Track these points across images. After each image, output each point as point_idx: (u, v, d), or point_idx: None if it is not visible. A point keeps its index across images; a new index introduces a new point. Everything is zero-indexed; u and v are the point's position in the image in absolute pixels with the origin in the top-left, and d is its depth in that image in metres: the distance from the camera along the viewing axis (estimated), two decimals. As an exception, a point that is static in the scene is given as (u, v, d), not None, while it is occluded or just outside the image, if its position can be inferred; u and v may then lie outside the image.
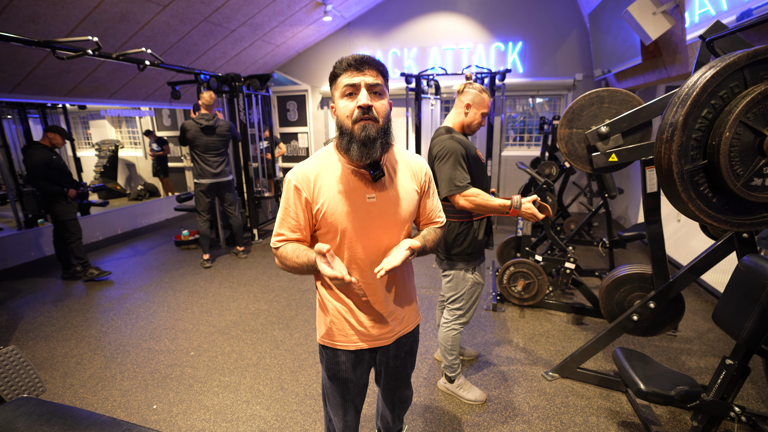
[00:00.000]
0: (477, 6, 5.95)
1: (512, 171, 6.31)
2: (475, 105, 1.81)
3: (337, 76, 1.01)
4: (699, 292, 3.31)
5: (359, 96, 0.98)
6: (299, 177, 1.06)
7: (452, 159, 1.69)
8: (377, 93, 1.01)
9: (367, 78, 0.98)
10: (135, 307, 3.23)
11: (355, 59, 0.98)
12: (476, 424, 1.91)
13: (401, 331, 1.24)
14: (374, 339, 1.18)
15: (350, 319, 1.15)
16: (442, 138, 1.78)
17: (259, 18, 4.76)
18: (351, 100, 1.00)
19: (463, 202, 1.68)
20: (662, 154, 1.12)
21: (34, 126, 5.74)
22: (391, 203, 1.10)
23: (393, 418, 1.43)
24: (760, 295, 1.28)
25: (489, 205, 1.65)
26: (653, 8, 3.16)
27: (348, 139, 1.01)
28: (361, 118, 0.98)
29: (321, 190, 1.06)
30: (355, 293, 1.13)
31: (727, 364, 1.44)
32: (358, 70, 0.98)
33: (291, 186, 1.07)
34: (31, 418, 1.17)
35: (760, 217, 1.18)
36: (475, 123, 1.84)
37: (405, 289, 1.22)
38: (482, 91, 1.81)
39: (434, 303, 3.20)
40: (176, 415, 2.00)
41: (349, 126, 1.00)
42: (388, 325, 1.18)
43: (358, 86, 0.98)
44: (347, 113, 1.00)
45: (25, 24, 3.15)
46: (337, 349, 1.19)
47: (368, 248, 1.09)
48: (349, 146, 1.01)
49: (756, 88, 1.05)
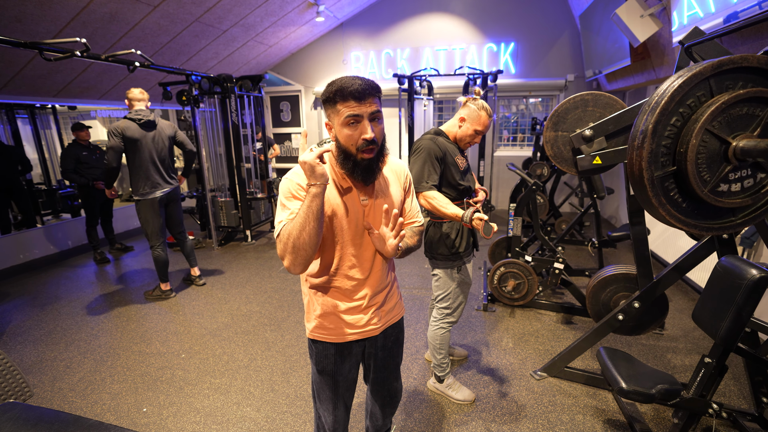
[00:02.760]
0: (470, 7, 5.98)
1: (504, 171, 6.35)
2: (469, 120, 1.84)
3: (335, 102, 1.03)
4: (686, 290, 3.36)
5: (364, 128, 1.03)
6: (300, 177, 1.09)
7: (423, 157, 1.76)
8: (376, 119, 1.06)
9: (369, 108, 1.02)
10: (125, 310, 3.22)
11: (357, 90, 0.99)
12: (464, 423, 1.93)
13: (388, 322, 1.30)
14: (362, 330, 1.23)
15: (339, 312, 1.20)
16: (425, 137, 1.85)
17: (251, 18, 4.75)
18: (354, 129, 1.03)
19: (423, 201, 1.75)
20: (634, 160, 1.15)
21: (22, 126, 5.68)
22: (380, 204, 1.16)
23: (383, 415, 1.45)
24: (736, 296, 1.32)
25: (443, 211, 1.72)
26: (641, 11, 3.21)
27: (353, 164, 1.07)
28: (366, 149, 1.05)
29: None
30: (343, 288, 1.18)
31: (706, 363, 1.48)
32: (360, 101, 1.01)
33: (293, 184, 1.08)
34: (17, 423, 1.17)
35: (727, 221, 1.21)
36: (467, 138, 1.86)
37: (390, 281, 1.30)
38: (481, 109, 1.83)
39: (425, 304, 3.23)
40: (166, 418, 2.00)
41: (354, 152, 1.06)
42: (376, 316, 1.24)
43: (361, 117, 1.02)
44: (352, 142, 1.05)
45: (11, 24, 3.12)
46: (327, 342, 1.23)
47: (360, 247, 1.16)
48: (354, 171, 1.08)
49: (720, 98, 1.09)
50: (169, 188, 3.24)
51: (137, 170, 3.09)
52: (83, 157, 4.11)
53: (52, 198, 5.61)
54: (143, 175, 3.09)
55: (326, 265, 1.17)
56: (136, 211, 3.19)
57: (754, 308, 1.32)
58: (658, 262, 3.82)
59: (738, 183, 1.19)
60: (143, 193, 3.12)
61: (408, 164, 1.77)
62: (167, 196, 3.25)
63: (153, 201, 3.15)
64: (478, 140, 1.90)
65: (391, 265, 1.32)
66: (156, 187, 3.15)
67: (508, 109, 6.56)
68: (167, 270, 3.36)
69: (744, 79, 1.13)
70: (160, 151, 3.17)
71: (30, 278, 3.96)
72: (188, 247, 3.59)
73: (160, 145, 3.17)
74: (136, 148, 3.03)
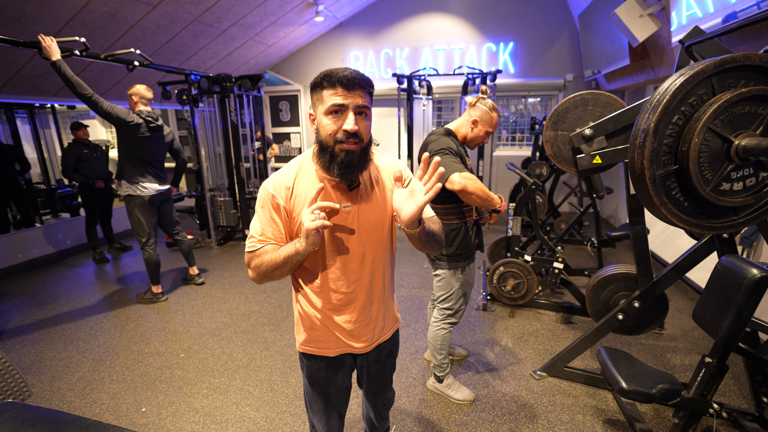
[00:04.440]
0: (469, 7, 5.98)
1: (504, 171, 6.35)
2: (482, 122, 1.85)
3: (322, 88, 0.96)
4: (686, 290, 3.36)
5: (347, 120, 0.95)
6: (276, 185, 1.04)
7: (450, 153, 1.73)
8: (363, 114, 0.98)
9: (356, 100, 0.95)
10: (124, 309, 3.21)
11: (346, 77, 0.93)
12: (464, 424, 1.93)
13: (380, 339, 1.23)
14: (352, 347, 1.17)
15: (330, 327, 1.14)
16: (442, 137, 1.80)
17: (250, 18, 4.74)
18: (336, 119, 0.96)
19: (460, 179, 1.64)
20: (635, 159, 1.14)
21: (21, 126, 5.66)
22: (368, 211, 1.08)
23: (377, 418, 1.45)
24: (737, 295, 1.31)
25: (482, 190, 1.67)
26: (640, 10, 3.21)
27: (329, 157, 0.99)
28: (346, 141, 0.96)
29: (297, 199, 1.04)
30: (334, 301, 1.12)
31: (706, 362, 1.47)
32: (348, 89, 0.94)
33: (267, 194, 1.04)
34: (15, 423, 1.17)
35: (729, 221, 1.21)
36: (478, 139, 1.88)
37: (384, 296, 1.20)
38: (492, 110, 1.83)
39: (424, 303, 3.22)
40: (165, 418, 2.00)
41: (331, 144, 0.98)
42: (368, 334, 1.17)
43: (346, 107, 0.95)
44: (330, 131, 0.97)
45: (11, 23, 3.11)
46: (318, 356, 1.18)
47: (346, 257, 1.08)
48: (330, 165, 0.99)
49: (723, 96, 1.08)
50: (164, 188, 3.23)
51: (136, 161, 3.02)
52: (84, 156, 4.13)
53: (51, 197, 5.60)
54: (141, 168, 3.05)
55: (311, 276, 1.10)
56: (128, 210, 3.12)
57: (755, 308, 1.32)
58: (657, 262, 3.82)
59: (740, 182, 1.18)
60: (136, 187, 3.05)
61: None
62: (161, 196, 3.23)
63: (146, 199, 3.09)
64: (487, 140, 1.91)
65: (389, 279, 1.22)
66: (151, 182, 3.12)
67: (506, 108, 6.56)
68: (159, 272, 3.30)
69: (746, 77, 1.13)
70: (160, 150, 3.17)
71: (29, 278, 3.95)
72: (186, 246, 3.57)
73: (161, 146, 3.18)
74: (140, 141, 3.01)
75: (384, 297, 1.20)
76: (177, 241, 3.53)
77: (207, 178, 4.83)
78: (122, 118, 2.86)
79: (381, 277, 1.16)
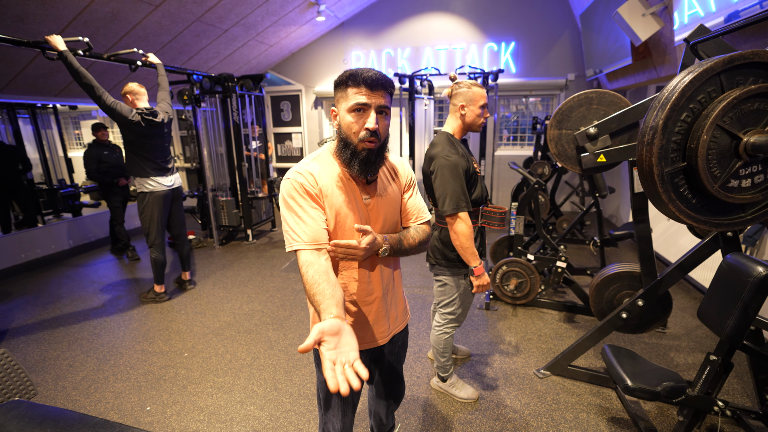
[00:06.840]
0: (470, 6, 5.98)
1: (505, 171, 6.35)
2: (469, 102, 1.73)
3: (347, 86, 1.01)
4: (688, 289, 3.36)
5: (369, 118, 1.01)
6: (303, 174, 1.05)
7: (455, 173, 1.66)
8: (383, 114, 1.04)
9: (379, 100, 1.01)
10: (128, 309, 3.22)
11: (370, 78, 0.99)
12: (468, 422, 1.93)
13: (395, 330, 1.28)
14: (371, 341, 1.20)
15: (353, 318, 1.17)
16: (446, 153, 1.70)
17: (252, 18, 4.75)
18: (359, 118, 1.02)
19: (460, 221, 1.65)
20: (643, 156, 1.14)
21: (23, 126, 5.67)
22: (384, 204, 1.15)
23: (387, 414, 1.45)
24: (742, 293, 1.31)
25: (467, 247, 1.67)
26: (642, 10, 3.21)
27: (351, 153, 1.04)
28: (367, 139, 1.02)
29: (323, 190, 1.07)
30: (357, 291, 1.15)
31: (711, 360, 1.47)
32: (371, 89, 0.99)
33: (296, 184, 1.04)
34: (23, 421, 1.17)
35: (737, 218, 1.21)
36: (478, 120, 1.75)
37: (397, 290, 1.26)
38: (472, 86, 1.73)
39: (428, 302, 3.23)
40: (170, 417, 2.00)
41: (354, 142, 1.03)
42: (384, 324, 1.22)
43: (369, 106, 1.01)
44: (354, 129, 1.02)
45: (14, 23, 3.11)
46: None
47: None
48: (351, 161, 1.04)
49: (731, 93, 1.08)
50: (175, 186, 3.22)
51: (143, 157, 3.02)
52: (104, 157, 4.21)
53: (53, 198, 5.60)
54: (150, 163, 3.04)
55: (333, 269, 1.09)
56: (140, 208, 3.09)
57: (760, 305, 1.32)
58: (660, 261, 3.82)
59: (749, 179, 1.18)
60: (146, 181, 3.03)
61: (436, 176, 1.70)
62: (173, 192, 3.22)
63: (161, 195, 3.08)
64: (488, 114, 1.79)
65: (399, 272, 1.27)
66: (161, 176, 3.09)
67: (508, 108, 6.56)
68: (164, 272, 3.30)
69: (755, 74, 1.12)
70: (164, 143, 3.16)
71: (32, 277, 3.95)
72: (186, 250, 3.52)
73: (165, 139, 3.16)
74: (143, 136, 2.99)
75: (395, 288, 1.26)
76: (179, 243, 3.49)
77: (209, 178, 4.83)
78: (124, 116, 2.87)
79: (393, 268, 1.23)
